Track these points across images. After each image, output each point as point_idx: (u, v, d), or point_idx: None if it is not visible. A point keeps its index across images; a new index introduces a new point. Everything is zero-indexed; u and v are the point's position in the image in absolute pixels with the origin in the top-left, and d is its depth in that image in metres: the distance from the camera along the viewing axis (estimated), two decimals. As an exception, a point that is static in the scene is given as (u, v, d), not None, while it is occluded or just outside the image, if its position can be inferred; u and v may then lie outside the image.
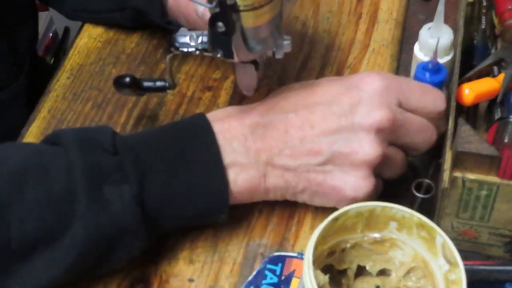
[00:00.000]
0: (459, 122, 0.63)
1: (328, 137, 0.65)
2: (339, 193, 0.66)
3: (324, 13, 0.93)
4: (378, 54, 0.88)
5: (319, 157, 0.65)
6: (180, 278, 0.69)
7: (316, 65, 0.87)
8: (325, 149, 0.65)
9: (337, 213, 0.58)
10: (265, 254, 0.70)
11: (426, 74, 0.72)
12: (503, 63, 0.75)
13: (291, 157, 0.65)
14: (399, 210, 0.59)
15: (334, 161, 0.65)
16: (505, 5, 0.81)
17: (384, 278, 0.62)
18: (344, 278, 0.62)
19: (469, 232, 0.67)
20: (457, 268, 0.56)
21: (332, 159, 0.65)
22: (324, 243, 0.59)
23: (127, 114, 0.83)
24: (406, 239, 0.60)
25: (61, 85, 0.86)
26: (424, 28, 0.76)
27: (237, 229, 0.72)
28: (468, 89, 0.72)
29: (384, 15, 0.92)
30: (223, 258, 0.70)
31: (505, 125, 0.70)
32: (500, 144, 0.67)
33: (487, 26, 0.82)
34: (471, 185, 0.62)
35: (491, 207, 0.64)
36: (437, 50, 0.72)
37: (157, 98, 0.84)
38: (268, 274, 0.67)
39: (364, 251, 0.62)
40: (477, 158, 0.61)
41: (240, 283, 0.68)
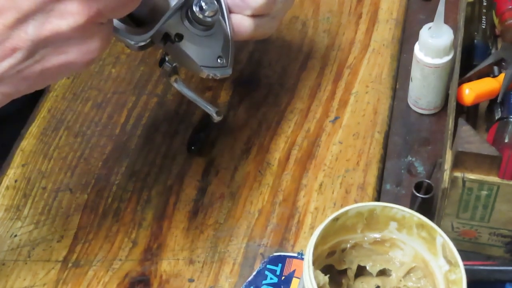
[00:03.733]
0: (459, 122, 0.63)
1: (17, 26, 0.54)
2: (70, 66, 0.58)
3: (324, 13, 0.93)
4: (378, 54, 0.88)
5: (19, 53, 0.55)
6: (180, 278, 0.69)
7: (316, 65, 0.87)
8: (21, 42, 0.55)
9: (337, 213, 0.58)
10: (265, 254, 0.70)
11: None
12: (503, 63, 0.75)
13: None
14: (399, 210, 0.59)
15: (40, 47, 0.55)
16: (505, 5, 0.81)
17: (384, 278, 0.62)
18: (344, 278, 0.62)
19: (469, 232, 0.67)
20: (457, 268, 0.56)
21: (36, 47, 0.55)
22: (324, 243, 0.59)
23: (127, 114, 0.83)
24: (406, 239, 0.60)
25: (61, 85, 0.86)
26: (424, 28, 0.76)
27: (237, 229, 0.72)
28: (468, 89, 0.72)
29: (384, 15, 0.92)
30: (223, 258, 0.70)
31: (505, 125, 0.70)
32: (500, 144, 0.67)
33: (487, 26, 0.82)
34: (471, 185, 0.62)
35: (492, 207, 0.64)
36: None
37: (157, 98, 0.84)
38: (268, 274, 0.67)
39: (364, 251, 0.62)
40: (477, 158, 0.61)
41: (240, 283, 0.68)
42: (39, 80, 0.58)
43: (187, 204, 0.75)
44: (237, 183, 0.76)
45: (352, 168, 0.77)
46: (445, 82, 0.78)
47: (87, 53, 0.57)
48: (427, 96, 0.79)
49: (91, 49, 0.57)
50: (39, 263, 0.70)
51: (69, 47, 0.56)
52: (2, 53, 0.55)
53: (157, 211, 0.74)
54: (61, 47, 0.56)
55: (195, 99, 0.69)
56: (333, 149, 0.78)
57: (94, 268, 0.70)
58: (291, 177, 0.76)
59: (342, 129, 0.80)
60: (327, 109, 0.82)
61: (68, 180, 0.77)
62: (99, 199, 0.75)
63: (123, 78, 0.87)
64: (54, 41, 0.55)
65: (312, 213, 0.73)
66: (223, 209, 0.74)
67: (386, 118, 0.81)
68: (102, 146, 0.80)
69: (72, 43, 0.55)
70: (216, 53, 0.66)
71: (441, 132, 0.79)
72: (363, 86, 0.85)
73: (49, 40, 0.55)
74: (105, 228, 0.73)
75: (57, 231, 0.73)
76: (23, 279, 0.69)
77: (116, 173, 0.78)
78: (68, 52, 0.56)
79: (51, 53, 0.56)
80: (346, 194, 0.75)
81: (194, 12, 0.64)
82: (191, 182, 0.76)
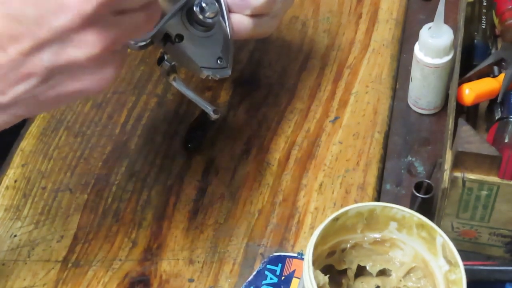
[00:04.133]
0: (459, 122, 0.63)
1: (33, 53, 0.54)
2: (84, 92, 0.57)
3: (324, 13, 0.93)
4: (378, 54, 0.88)
5: (33, 79, 0.55)
6: (180, 278, 0.69)
7: (316, 65, 0.87)
8: (36, 69, 0.54)
9: (337, 213, 0.58)
10: (265, 254, 0.70)
11: None
12: (503, 63, 0.75)
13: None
14: (399, 210, 0.59)
15: (54, 74, 0.55)
16: (505, 5, 0.81)
17: (384, 278, 0.62)
18: (344, 278, 0.62)
19: (469, 232, 0.67)
20: (457, 268, 0.56)
21: (50, 74, 0.55)
22: (324, 243, 0.59)
23: (127, 114, 0.83)
24: (406, 239, 0.60)
25: (61, 85, 0.86)
26: (424, 28, 0.76)
27: (237, 229, 0.72)
28: (468, 89, 0.72)
29: (384, 15, 0.92)
30: (223, 258, 0.70)
31: (505, 125, 0.70)
32: (500, 144, 0.67)
33: (487, 26, 0.82)
34: (471, 185, 0.62)
35: (492, 207, 0.64)
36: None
37: (157, 98, 0.84)
38: (268, 274, 0.67)
39: (364, 251, 0.62)
40: (477, 158, 0.61)
41: (240, 283, 0.68)
42: (52, 104, 0.58)
43: (187, 204, 0.75)
44: (237, 183, 0.76)
45: (352, 168, 0.77)
46: (445, 82, 0.78)
47: (101, 80, 0.56)
48: (427, 96, 0.79)
49: (106, 77, 0.56)
50: (39, 263, 0.70)
51: (84, 75, 0.56)
52: (17, 78, 0.55)
53: (157, 211, 0.74)
54: (76, 75, 0.56)
55: (194, 97, 0.69)
56: (333, 149, 0.78)
57: (94, 268, 0.70)
58: (291, 177, 0.76)
59: (342, 129, 0.80)
60: (327, 109, 0.82)
61: (68, 180, 0.77)
62: (99, 199, 0.75)
63: (123, 78, 0.87)
64: (69, 69, 0.55)
65: (312, 213, 0.73)
66: (223, 209, 0.74)
67: (386, 118, 0.81)
68: (102, 146, 0.80)
69: (87, 72, 0.55)
70: (216, 54, 0.66)
71: (441, 132, 0.79)
72: (363, 86, 0.84)
73: (64, 68, 0.55)
74: (105, 228, 0.73)
75: (57, 231, 0.73)
76: (23, 279, 0.69)
77: (116, 173, 0.78)
78: (82, 79, 0.56)
79: (65, 80, 0.56)
80: (346, 194, 0.74)
81: (194, 13, 0.64)
82: (191, 182, 0.76)
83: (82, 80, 0.56)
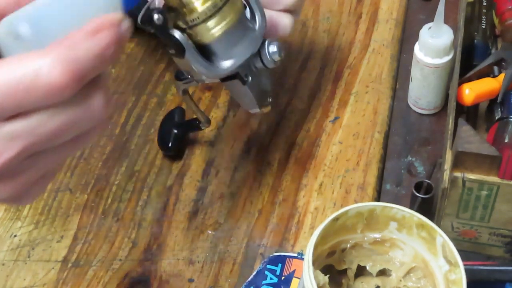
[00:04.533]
0: (459, 122, 0.63)
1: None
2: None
3: (324, 13, 0.93)
4: (378, 54, 0.88)
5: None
6: (180, 278, 0.69)
7: (316, 65, 0.87)
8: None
9: (337, 213, 0.58)
10: (265, 254, 0.70)
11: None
12: (503, 63, 0.75)
13: None
14: (399, 210, 0.59)
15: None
16: (505, 5, 0.81)
17: (384, 278, 0.62)
18: (344, 278, 0.62)
19: (469, 232, 0.67)
20: (457, 268, 0.56)
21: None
22: (324, 243, 0.59)
23: (127, 114, 0.83)
24: (406, 239, 0.60)
25: (61, 85, 0.86)
26: (424, 28, 0.76)
27: (237, 229, 0.72)
28: (468, 89, 0.72)
29: (384, 15, 0.92)
30: (223, 258, 0.70)
31: (505, 125, 0.70)
32: (500, 144, 0.67)
33: (487, 26, 0.82)
34: (471, 185, 0.62)
35: (492, 207, 0.64)
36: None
37: (157, 98, 0.84)
38: (268, 274, 0.67)
39: (364, 251, 0.61)
40: (477, 158, 0.61)
41: (240, 283, 0.68)
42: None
43: (187, 204, 0.75)
44: (237, 183, 0.76)
45: (352, 168, 0.77)
46: (445, 82, 0.78)
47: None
48: (427, 96, 0.79)
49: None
50: (39, 263, 0.70)
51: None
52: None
53: (157, 211, 0.74)
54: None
55: (195, 109, 0.71)
56: (333, 149, 0.78)
57: (94, 268, 0.70)
58: (291, 177, 0.76)
59: (342, 129, 0.80)
60: (327, 109, 0.82)
61: (68, 180, 0.77)
62: (99, 199, 0.75)
63: (123, 78, 0.87)
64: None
65: (312, 213, 0.73)
66: (223, 209, 0.74)
67: (386, 118, 0.81)
68: (102, 146, 0.80)
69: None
70: (268, 92, 0.67)
71: (441, 132, 0.79)
72: (363, 86, 0.84)
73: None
74: (105, 228, 0.73)
75: (57, 231, 0.73)
76: (23, 279, 0.69)
77: (116, 173, 0.78)
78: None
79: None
80: (346, 194, 0.75)
81: (265, 55, 0.63)
82: (191, 182, 0.76)
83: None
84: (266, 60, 0.63)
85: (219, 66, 0.61)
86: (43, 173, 0.48)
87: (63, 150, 0.47)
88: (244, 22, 0.61)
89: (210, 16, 0.58)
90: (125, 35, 0.44)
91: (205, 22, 0.58)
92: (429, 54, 0.75)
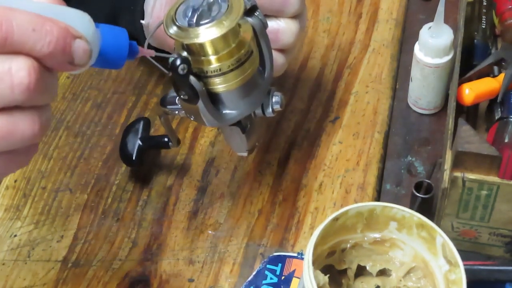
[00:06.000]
0: (459, 122, 0.63)
1: None
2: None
3: (324, 13, 0.93)
4: (378, 54, 0.88)
5: None
6: (180, 278, 0.69)
7: (316, 65, 0.87)
8: None
9: (337, 213, 0.58)
10: (265, 254, 0.70)
11: None
12: (503, 63, 0.75)
13: None
14: (399, 210, 0.59)
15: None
16: (505, 5, 0.81)
17: (384, 278, 0.62)
18: (344, 278, 0.62)
19: (469, 232, 0.67)
20: (457, 268, 0.56)
21: None
22: (324, 243, 0.59)
23: (127, 114, 0.83)
24: (406, 239, 0.60)
25: (61, 85, 0.86)
26: (424, 28, 0.76)
27: (237, 229, 0.72)
28: (468, 89, 0.72)
29: (384, 15, 0.92)
30: (223, 258, 0.70)
31: (505, 125, 0.70)
32: (500, 144, 0.67)
33: (487, 26, 0.82)
34: (471, 185, 0.62)
35: (491, 207, 0.64)
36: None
37: (157, 98, 0.84)
38: (268, 274, 0.67)
39: (364, 251, 0.62)
40: (477, 158, 0.61)
41: (240, 283, 0.68)
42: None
43: (187, 204, 0.75)
44: (237, 183, 0.76)
45: (352, 168, 0.77)
46: (445, 82, 0.78)
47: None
48: (427, 96, 0.79)
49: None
50: (39, 263, 0.70)
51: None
52: None
53: (157, 211, 0.74)
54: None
55: (169, 130, 0.70)
56: (333, 149, 0.78)
57: (94, 268, 0.70)
58: (291, 177, 0.76)
59: (342, 129, 0.80)
60: (327, 109, 0.82)
61: (68, 180, 0.77)
62: (99, 199, 0.75)
63: (123, 78, 0.87)
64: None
65: (312, 213, 0.73)
66: (223, 209, 0.74)
67: (386, 118, 0.81)
68: (102, 146, 0.80)
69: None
70: (259, 137, 0.69)
71: (441, 132, 0.79)
72: (363, 86, 0.84)
73: None
74: (105, 228, 0.73)
75: (57, 231, 0.73)
76: (23, 279, 0.69)
77: (116, 173, 0.78)
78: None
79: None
80: (346, 194, 0.74)
81: (267, 105, 0.64)
82: (191, 182, 0.76)
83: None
84: (267, 110, 0.64)
85: (224, 116, 0.61)
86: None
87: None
88: (256, 76, 0.62)
89: (232, 69, 0.59)
90: (78, 55, 0.45)
91: (225, 74, 0.59)
92: (429, 54, 0.75)
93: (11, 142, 0.45)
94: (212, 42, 0.57)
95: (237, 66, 0.59)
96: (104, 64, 0.50)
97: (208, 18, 0.57)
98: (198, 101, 0.59)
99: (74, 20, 0.46)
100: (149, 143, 0.74)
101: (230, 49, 0.58)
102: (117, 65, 0.51)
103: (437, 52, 0.75)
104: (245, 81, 0.60)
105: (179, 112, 0.65)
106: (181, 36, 0.57)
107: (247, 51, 0.59)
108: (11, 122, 0.45)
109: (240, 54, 0.59)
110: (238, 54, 0.58)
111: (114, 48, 0.50)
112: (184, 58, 0.57)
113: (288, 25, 0.67)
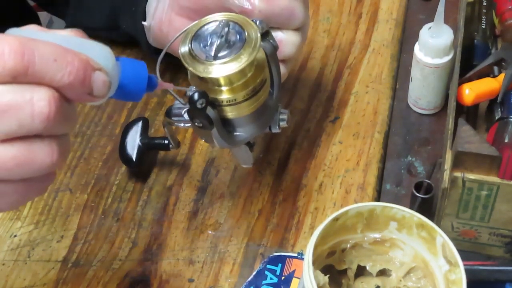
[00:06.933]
0: (459, 122, 0.63)
1: None
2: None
3: (324, 13, 0.93)
4: (378, 54, 0.88)
5: None
6: (180, 278, 0.69)
7: (316, 65, 0.87)
8: None
9: (337, 213, 0.58)
10: (265, 254, 0.70)
11: None
12: (503, 63, 0.75)
13: None
14: (399, 210, 0.59)
15: None
16: (505, 5, 0.81)
17: (384, 278, 0.62)
18: (344, 278, 0.62)
19: (469, 232, 0.67)
20: (457, 268, 0.56)
21: None
22: (324, 243, 0.59)
23: (127, 114, 0.83)
24: (406, 239, 0.60)
25: (61, 85, 0.86)
26: (424, 28, 0.76)
27: (237, 229, 0.72)
28: (468, 89, 0.72)
29: (384, 15, 0.92)
30: (223, 258, 0.70)
31: (505, 125, 0.70)
32: (500, 144, 0.67)
33: (487, 26, 0.82)
34: (471, 185, 0.62)
35: (491, 207, 0.64)
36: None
37: (157, 98, 0.84)
38: (268, 274, 0.67)
39: (364, 251, 0.61)
40: (477, 158, 0.61)
41: (240, 283, 0.68)
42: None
43: (187, 204, 0.75)
44: (237, 183, 0.76)
45: (352, 168, 0.77)
46: (445, 82, 0.78)
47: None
48: (427, 96, 0.79)
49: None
50: (39, 263, 0.70)
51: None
52: None
53: (157, 211, 0.74)
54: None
55: (170, 134, 0.71)
56: (333, 149, 0.78)
57: (94, 268, 0.70)
58: (291, 177, 0.76)
59: (342, 129, 0.80)
60: (327, 109, 0.82)
61: (68, 180, 0.77)
62: (99, 199, 0.75)
63: (123, 78, 0.87)
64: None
65: (312, 213, 0.73)
66: (223, 209, 0.74)
67: (386, 118, 0.81)
68: (102, 146, 0.80)
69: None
70: (262, 149, 0.70)
71: (441, 132, 0.79)
72: (363, 86, 0.84)
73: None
74: (105, 228, 0.73)
75: (57, 231, 0.73)
76: (23, 279, 0.69)
77: (116, 173, 0.78)
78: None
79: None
80: (346, 194, 0.75)
81: (274, 123, 0.66)
82: (191, 182, 0.76)
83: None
84: (274, 127, 0.66)
85: (235, 138, 0.62)
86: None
87: (11, 194, 0.48)
88: (267, 101, 0.63)
89: (247, 99, 0.59)
90: (97, 87, 0.47)
91: (240, 103, 0.59)
92: (429, 54, 0.75)
93: (29, 170, 0.47)
94: (229, 76, 0.57)
95: (252, 96, 0.60)
96: (123, 96, 0.51)
97: (225, 50, 0.57)
98: (213, 128, 0.60)
99: (95, 52, 0.47)
100: (149, 145, 0.75)
101: (245, 80, 0.59)
102: (136, 97, 0.51)
103: (437, 52, 0.75)
104: (257, 107, 0.61)
105: (184, 124, 0.66)
106: (199, 70, 0.57)
107: (262, 79, 0.60)
108: (31, 151, 0.46)
109: (256, 84, 0.60)
110: (254, 84, 0.59)
111: (134, 81, 0.50)
112: (203, 93, 0.57)
113: (291, 37, 0.67)
